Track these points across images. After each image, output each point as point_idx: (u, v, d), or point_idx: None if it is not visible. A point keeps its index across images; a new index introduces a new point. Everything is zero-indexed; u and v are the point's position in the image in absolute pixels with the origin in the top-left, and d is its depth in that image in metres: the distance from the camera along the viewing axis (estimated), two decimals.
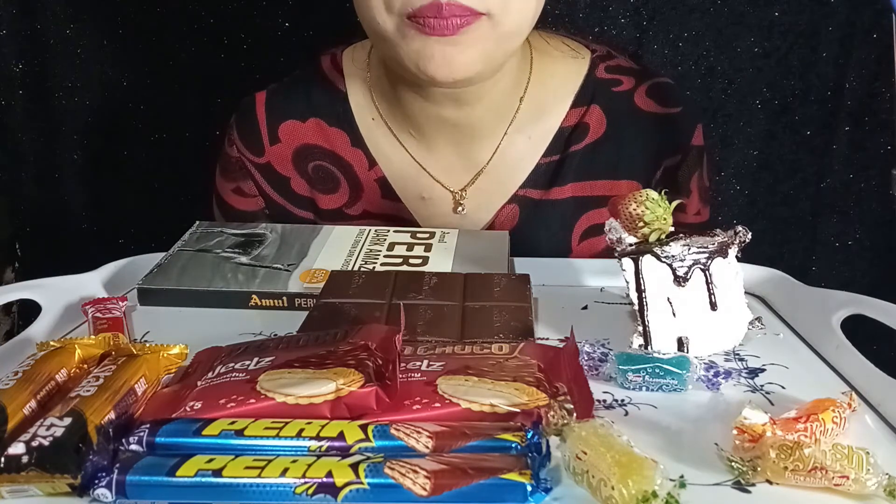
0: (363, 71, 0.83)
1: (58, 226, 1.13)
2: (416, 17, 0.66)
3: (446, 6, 0.64)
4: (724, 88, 1.05)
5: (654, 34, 1.03)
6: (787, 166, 1.09)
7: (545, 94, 0.82)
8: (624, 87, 0.83)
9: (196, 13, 1.05)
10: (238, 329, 0.59)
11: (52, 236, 1.14)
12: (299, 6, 1.04)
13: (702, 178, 0.85)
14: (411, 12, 0.66)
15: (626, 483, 0.37)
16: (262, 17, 1.04)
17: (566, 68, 0.83)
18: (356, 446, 0.40)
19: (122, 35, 1.06)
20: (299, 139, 0.84)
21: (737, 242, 0.56)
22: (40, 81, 1.07)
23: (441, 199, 0.83)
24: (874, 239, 1.11)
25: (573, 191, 0.83)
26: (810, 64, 1.04)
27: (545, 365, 0.48)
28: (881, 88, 1.03)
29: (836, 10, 1.01)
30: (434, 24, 0.65)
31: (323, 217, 0.85)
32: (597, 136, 0.82)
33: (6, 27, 1.05)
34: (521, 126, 0.82)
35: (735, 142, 1.08)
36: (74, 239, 1.14)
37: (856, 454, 0.40)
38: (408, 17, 0.66)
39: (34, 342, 0.53)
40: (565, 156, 0.82)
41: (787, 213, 1.11)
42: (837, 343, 0.57)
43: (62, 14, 1.05)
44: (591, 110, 0.82)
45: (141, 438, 0.41)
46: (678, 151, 0.83)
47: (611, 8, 1.03)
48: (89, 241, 1.14)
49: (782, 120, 1.07)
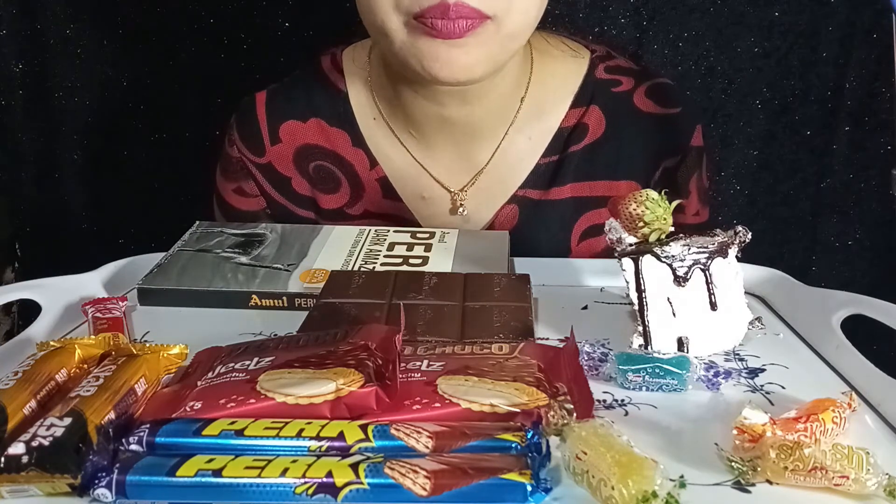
0: (364, 71, 0.83)
1: (58, 226, 1.13)
2: (423, 17, 0.66)
3: (454, 7, 0.64)
4: (724, 88, 1.05)
5: (654, 34, 1.03)
6: (787, 166, 1.09)
7: (545, 94, 0.82)
8: (623, 87, 0.83)
9: (196, 13, 1.05)
10: (238, 329, 0.59)
11: (52, 236, 1.14)
12: (299, 6, 1.04)
13: (701, 179, 0.85)
14: (418, 12, 0.66)
15: (626, 483, 0.37)
16: (262, 17, 1.04)
17: (566, 68, 0.83)
18: (356, 446, 0.40)
19: (122, 35, 1.06)
20: (300, 139, 0.84)
21: (737, 242, 0.56)
22: (40, 81, 1.07)
23: (441, 198, 0.84)
24: (874, 239, 1.11)
25: (572, 191, 0.83)
26: (810, 64, 1.04)
27: (545, 365, 0.48)
28: (881, 88, 1.03)
29: (836, 10, 1.01)
30: (441, 27, 0.65)
31: (324, 217, 0.85)
32: (596, 136, 0.82)
33: (6, 27, 1.05)
34: (521, 126, 0.82)
35: (735, 142, 1.08)
36: (74, 239, 1.14)
37: (856, 454, 0.40)
38: (414, 18, 0.66)
39: (34, 342, 0.53)
40: (564, 156, 0.82)
41: (787, 213, 1.11)
42: (837, 343, 0.57)
43: (62, 14, 1.05)
44: (591, 111, 0.82)
45: (141, 438, 0.41)
46: (677, 152, 0.83)
47: (611, 8, 1.03)
48: (89, 241, 1.14)
49: (782, 120, 1.07)
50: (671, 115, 0.83)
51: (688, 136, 0.83)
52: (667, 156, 0.83)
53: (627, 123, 0.82)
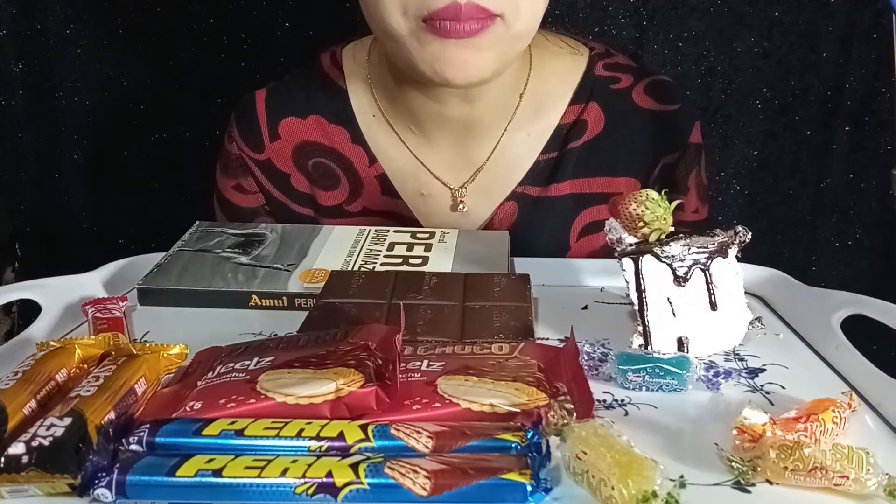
0: (363, 69, 0.83)
1: (58, 226, 1.13)
2: (433, 19, 0.65)
3: (465, 8, 0.64)
4: (724, 88, 1.05)
5: (654, 34, 1.03)
6: (787, 166, 1.09)
7: (544, 91, 0.82)
8: (622, 84, 0.83)
9: (196, 13, 1.05)
10: (238, 329, 0.59)
11: (52, 236, 1.14)
12: (299, 6, 1.04)
13: (700, 176, 0.85)
14: (428, 15, 0.65)
15: (626, 483, 0.37)
16: (262, 17, 1.05)
17: (565, 65, 0.83)
18: (356, 446, 0.40)
19: (122, 35, 1.06)
20: (299, 136, 0.84)
21: (737, 242, 0.56)
22: (40, 81, 1.07)
23: (441, 195, 0.84)
24: (874, 239, 1.11)
25: (571, 188, 0.83)
26: (810, 64, 1.04)
27: (545, 365, 0.48)
28: (881, 88, 1.03)
29: (836, 10, 1.01)
30: (451, 28, 0.65)
31: (322, 214, 0.85)
32: (595, 133, 0.82)
33: (6, 27, 1.05)
34: (520, 123, 0.82)
35: (735, 142, 1.08)
36: (74, 239, 1.14)
37: (856, 454, 0.40)
38: (423, 20, 0.66)
39: (34, 342, 0.53)
40: (563, 153, 0.82)
41: (787, 213, 1.11)
42: (837, 343, 0.57)
43: (62, 14, 1.05)
44: (590, 107, 0.82)
45: (141, 438, 0.41)
46: (676, 149, 0.83)
47: (611, 8, 1.03)
48: (89, 241, 1.14)
49: (782, 120, 1.07)
50: (670, 111, 0.83)
51: (686, 133, 0.83)
52: (666, 152, 0.83)
53: (626, 120, 0.82)
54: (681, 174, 0.84)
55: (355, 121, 0.83)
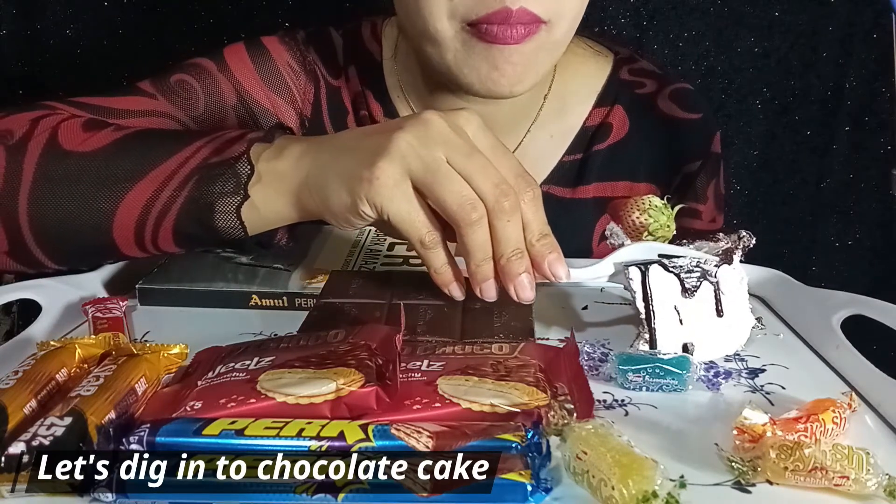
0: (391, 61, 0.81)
1: None
2: (480, 23, 0.63)
3: (516, 13, 0.62)
4: (724, 88, 1.06)
5: (654, 34, 1.03)
6: (787, 166, 1.09)
7: (568, 92, 0.82)
8: (647, 89, 0.83)
9: (196, 13, 1.05)
10: (238, 329, 0.59)
11: None
12: (299, 6, 1.04)
13: (718, 186, 0.85)
14: (476, 19, 0.63)
15: (627, 483, 0.37)
16: (262, 17, 1.05)
17: (588, 67, 0.83)
18: (356, 446, 0.40)
19: (122, 35, 1.06)
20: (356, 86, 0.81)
21: (741, 247, 0.55)
22: (40, 81, 1.07)
23: None
24: (874, 239, 1.11)
25: (595, 191, 0.83)
26: (810, 64, 1.04)
27: (545, 365, 0.48)
28: (881, 88, 1.03)
29: (836, 10, 1.01)
30: (498, 33, 0.63)
31: None
32: (619, 136, 0.82)
33: (6, 27, 1.05)
34: (543, 123, 0.81)
35: (735, 142, 1.08)
36: None
37: (856, 454, 0.40)
38: (469, 24, 0.64)
39: (34, 342, 0.53)
40: (588, 154, 0.82)
41: (787, 213, 1.11)
42: (837, 343, 0.57)
43: (62, 14, 1.05)
44: (615, 110, 0.82)
45: (141, 438, 0.41)
46: (698, 158, 0.83)
47: (611, 8, 1.03)
48: None
49: (782, 120, 1.07)
50: (693, 120, 0.83)
51: (709, 143, 0.83)
52: (688, 161, 0.83)
53: (650, 125, 0.82)
54: (701, 183, 0.83)
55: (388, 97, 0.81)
